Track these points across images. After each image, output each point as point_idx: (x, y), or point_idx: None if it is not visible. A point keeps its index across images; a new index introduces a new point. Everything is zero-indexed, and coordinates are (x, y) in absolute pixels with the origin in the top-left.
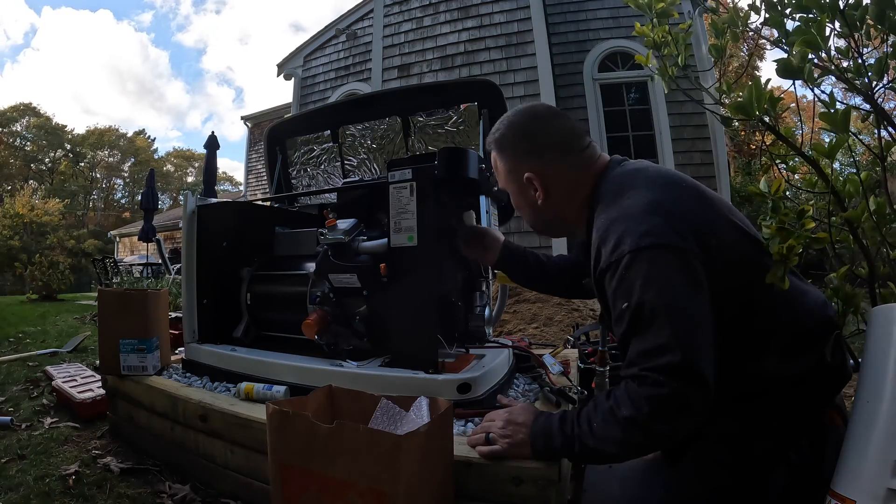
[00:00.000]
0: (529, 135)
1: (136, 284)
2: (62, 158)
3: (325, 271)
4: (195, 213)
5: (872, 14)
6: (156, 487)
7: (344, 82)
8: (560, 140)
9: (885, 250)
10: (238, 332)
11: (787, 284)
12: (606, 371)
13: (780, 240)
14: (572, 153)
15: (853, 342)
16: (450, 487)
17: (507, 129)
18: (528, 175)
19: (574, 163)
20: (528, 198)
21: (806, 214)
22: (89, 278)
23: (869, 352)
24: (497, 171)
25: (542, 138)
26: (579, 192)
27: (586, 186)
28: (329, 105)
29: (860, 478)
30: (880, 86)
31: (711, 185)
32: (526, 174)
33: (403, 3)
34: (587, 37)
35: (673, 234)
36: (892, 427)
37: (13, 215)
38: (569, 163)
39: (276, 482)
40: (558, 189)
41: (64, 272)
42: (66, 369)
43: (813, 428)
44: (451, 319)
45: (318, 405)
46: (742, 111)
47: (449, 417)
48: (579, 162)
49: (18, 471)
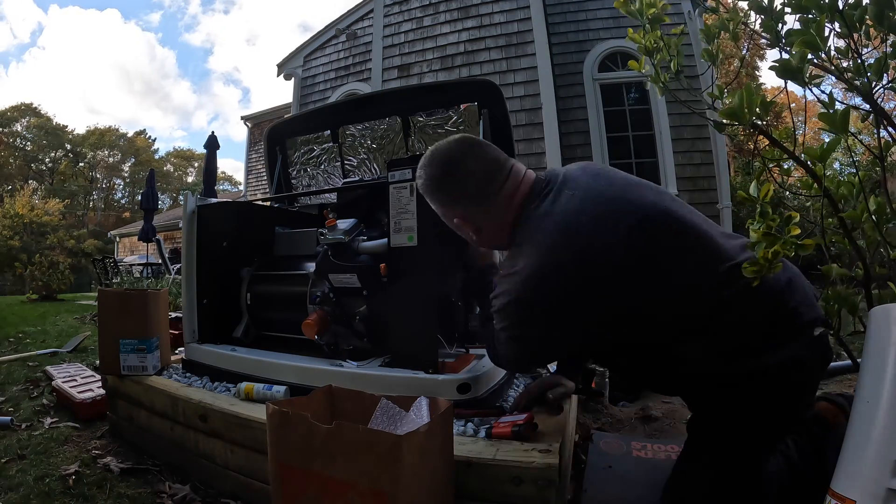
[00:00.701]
0: (445, 186)
1: (136, 284)
2: (62, 158)
3: (325, 271)
4: (195, 213)
5: (872, 14)
6: (156, 487)
7: (344, 82)
8: (475, 188)
9: (885, 251)
10: (238, 332)
11: (756, 282)
12: (606, 371)
13: (767, 245)
14: (489, 198)
15: (853, 342)
16: (450, 487)
17: (427, 180)
18: (456, 220)
19: (493, 200)
20: (465, 234)
21: (793, 221)
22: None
23: (868, 352)
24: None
25: (458, 188)
26: (506, 223)
27: (510, 216)
28: (329, 105)
29: (860, 478)
30: (880, 86)
31: (711, 184)
32: (455, 219)
33: (403, 3)
34: (587, 37)
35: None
36: (892, 427)
37: (13, 215)
38: (487, 205)
39: (276, 482)
40: (488, 226)
41: (64, 272)
42: (66, 369)
43: (811, 424)
44: (451, 319)
45: (318, 405)
46: (733, 116)
47: (449, 417)
48: (500, 197)
49: (18, 471)
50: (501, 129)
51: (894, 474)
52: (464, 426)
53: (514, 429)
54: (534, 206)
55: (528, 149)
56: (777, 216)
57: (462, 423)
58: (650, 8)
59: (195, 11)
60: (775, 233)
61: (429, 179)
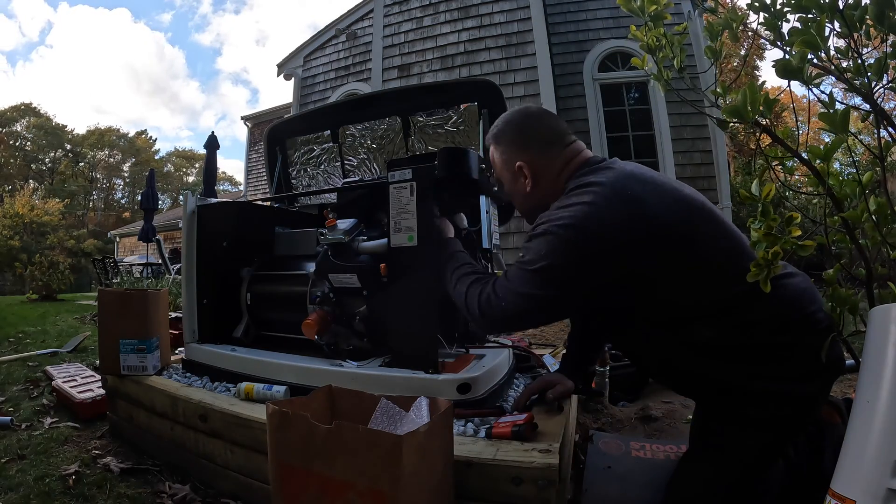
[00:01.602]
0: (522, 130)
1: (136, 284)
2: (62, 158)
3: (325, 271)
4: (195, 213)
5: (872, 14)
6: (156, 487)
7: (344, 82)
8: (547, 136)
9: (885, 251)
10: (238, 332)
11: (768, 288)
12: (606, 371)
13: (767, 245)
14: (555, 147)
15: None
16: (450, 487)
17: (503, 125)
18: (519, 164)
19: (557, 155)
20: (518, 186)
21: (794, 221)
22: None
23: (868, 352)
24: (494, 164)
25: (532, 133)
26: (560, 182)
27: (567, 173)
28: (329, 105)
29: (860, 478)
30: (880, 86)
31: (711, 184)
32: (518, 163)
33: (403, 3)
34: (587, 37)
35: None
36: (892, 427)
37: (13, 215)
38: (552, 155)
39: (276, 482)
40: (544, 178)
41: (64, 272)
42: (66, 369)
43: (810, 425)
44: (451, 319)
45: (318, 405)
46: (736, 114)
47: (449, 417)
48: (562, 155)
49: (18, 471)
50: None
51: (894, 474)
52: (464, 426)
53: (514, 429)
54: (589, 170)
55: None
56: (778, 216)
57: (462, 423)
58: (652, 5)
59: (206, 11)
60: (776, 233)
61: (506, 125)
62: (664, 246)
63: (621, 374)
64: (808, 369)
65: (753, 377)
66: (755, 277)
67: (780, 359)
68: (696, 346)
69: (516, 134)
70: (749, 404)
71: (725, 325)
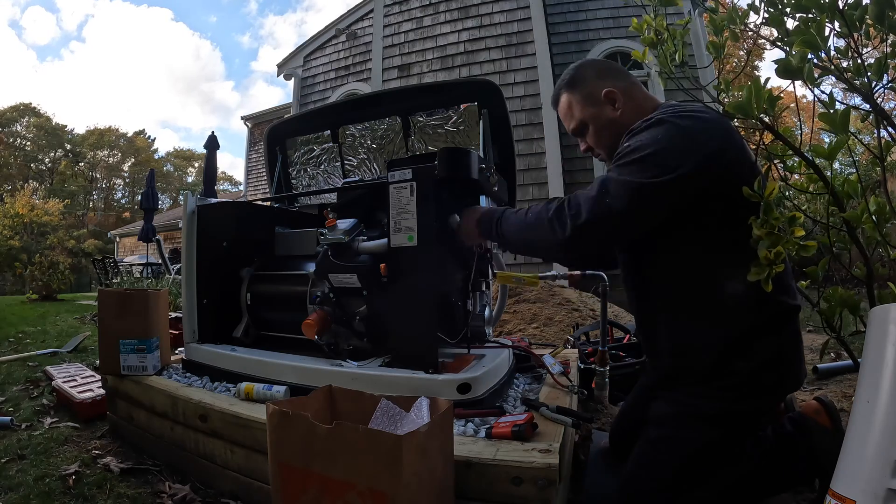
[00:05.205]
0: (601, 66)
1: (136, 284)
2: (62, 158)
3: (325, 271)
4: (195, 213)
5: (872, 14)
6: (156, 487)
7: (344, 82)
8: (623, 71)
9: (884, 251)
10: (238, 332)
11: (769, 287)
12: (606, 371)
13: (770, 244)
14: (636, 89)
15: (853, 342)
16: (450, 487)
17: (575, 71)
18: (607, 90)
19: (638, 93)
20: (605, 113)
21: (797, 221)
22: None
23: (868, 352)
24: (566, 112)
25: (612, 66)
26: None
27: (649, 105)
28: (329, 105)
29: (860, 478)
30: (880, 86)
31: None
32: (605, 90)
33: (403, 3)
34: (587, 37)
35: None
36: (892, 427)
37: (13, 215)
38: (633, 81)
39: (275, 482)
40: (631, 100)
41: (64, 272)
42: (66, 369)
43: (787, 419)
44: (451, 319)
45: (318, 405)
46: (741, 111)
47: (449, 417)
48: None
49: (18, 471)
50: (501, 129)
51: (894, 474)
52: (464, 426)
53: (514, 429)
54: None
55: (528, 149)
56: (780, 215)
57: (462, 423)
58: None
59: (247, 11)
60: (778, 232)
61: (582, 69)
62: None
63: (621, 374)
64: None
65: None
66: (756, 277)
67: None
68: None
69: (597, 70)
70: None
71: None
